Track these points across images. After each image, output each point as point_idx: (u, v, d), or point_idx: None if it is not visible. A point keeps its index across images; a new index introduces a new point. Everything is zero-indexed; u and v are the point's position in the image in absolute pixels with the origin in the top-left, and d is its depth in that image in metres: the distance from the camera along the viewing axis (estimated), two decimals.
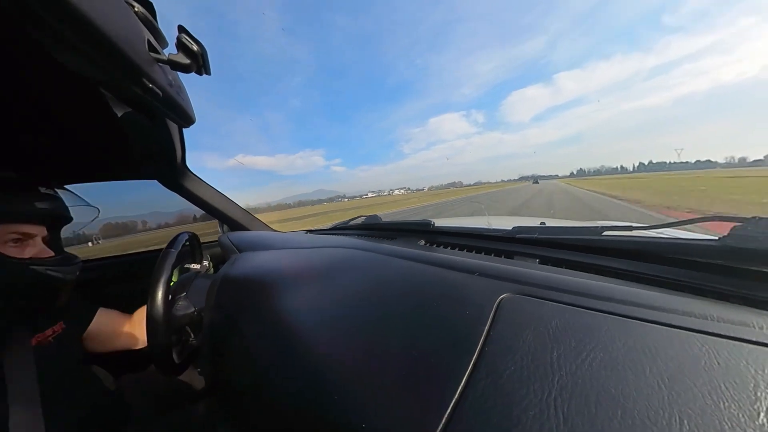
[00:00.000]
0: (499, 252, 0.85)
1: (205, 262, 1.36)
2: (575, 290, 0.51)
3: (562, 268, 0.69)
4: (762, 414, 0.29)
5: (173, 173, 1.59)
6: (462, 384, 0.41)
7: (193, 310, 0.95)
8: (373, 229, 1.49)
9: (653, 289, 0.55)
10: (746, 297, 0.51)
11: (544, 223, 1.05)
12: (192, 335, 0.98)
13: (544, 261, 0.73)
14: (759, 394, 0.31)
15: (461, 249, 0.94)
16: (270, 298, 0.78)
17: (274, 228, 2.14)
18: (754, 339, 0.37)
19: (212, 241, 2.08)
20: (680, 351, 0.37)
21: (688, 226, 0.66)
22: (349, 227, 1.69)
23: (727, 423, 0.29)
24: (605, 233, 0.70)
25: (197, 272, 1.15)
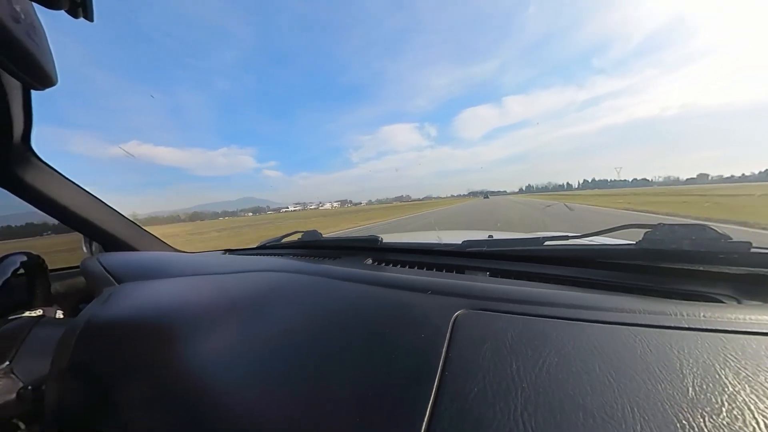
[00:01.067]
0: (451, 267, 0.85)
1: (55, 307, 0.94)
2: (525, 299, 0.54)
3: (511, 279, 0.72)
4: (690, 389, 0.34)
5: (2, 157, 1.02)
6: (426, 418, 0.38)
7: (21, 387, 0.61)
8: (311, 247, 1.32)
9: (590, 291, 0.62)
10: (661, 290, 0.62)
11: (492, 236, 1.06)
12: (23, 429, 0.65)
13: (494, 273, 0.76)
14: (684, 371, 0.37)
15: (412, 266, 0.90)
16: (166, 347, 0.58)
17: (176, 248, 1.62)
18: (673, 325, 0.45)
19: (70, 268, 1.42)
20: (620, 345, 0.41)
21: (613, 233, 0.74)
22: (281, 246, 1.46)
23: (666, 402, 0.33)
24: (546, 243, 0.76)
25: (36, 320, 0.76)
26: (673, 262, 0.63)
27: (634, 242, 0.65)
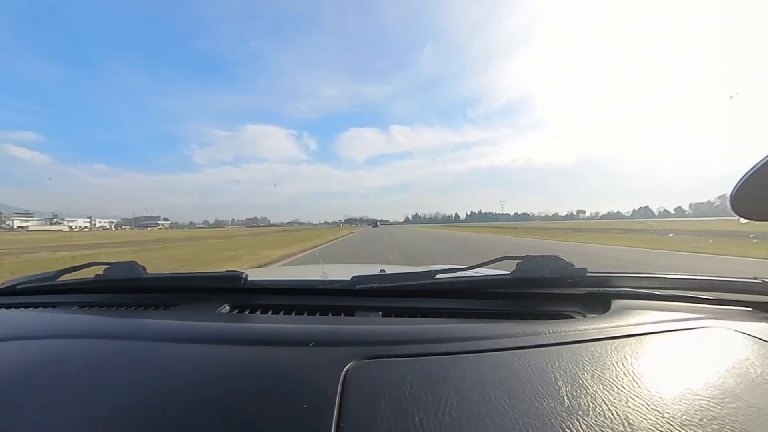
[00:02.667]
0: (338, 309, 0.74)
1: None
2: (420, 338, 0.53)
3: (404, 317, 0.70)
4: (565, 398, 0.38)
5: None
6: None
7: None
8: (123, 291, 0.88)
9: (478, 321, 0.66)
10: (533, 312, 0.70)
11: (383, 270, 0.97)
12: None
13: (387, 313, 0.72)
14: (559, 383, 0.41)
15: (288, 311, 0.73)
16: None
17: None
18: (545, 342, 0.50)
19: None
20: (509, 370, 0.44)
21: (494, 264, 0.82)
22: (62, 289, 0.91)
23: (551, 416, 0.36)
24: (437, 276, 0.77)
25: None
26: (539, 287, 0.73)
27: (509, 272, 0.72)
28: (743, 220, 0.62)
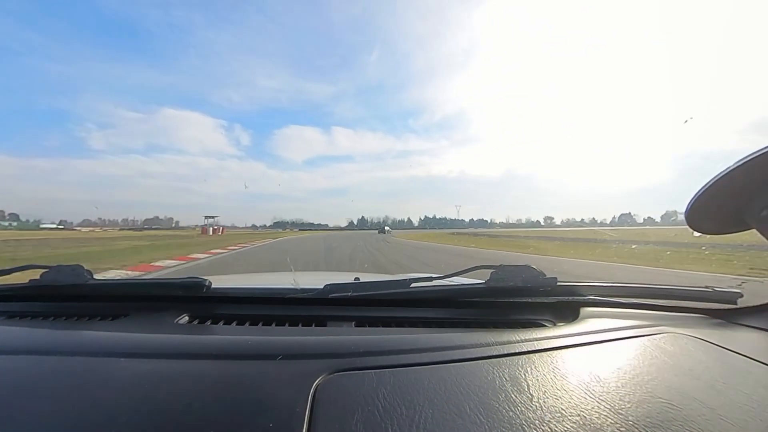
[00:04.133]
0: (309, 319, 0.70)
1: None
2: (393, 349, 0.52)
3: (378, 327, 0.69)
4: (538, 406, 0.39)
5: None
6: None
7: None
8: (65, 299, 0.79)
9: (452, 330, 0.67)
10: (506, 321, 0.71)
11: (358, 279, 0.94)
12: None
13: (360, 323, 0.70)
14: (532, 391, 0.42)
15: (255, 322, 0.68)
16: None
17: None
18: (518, 351, 0.51)
19: None
20: (483, 380, 0.44)
21: (469, 273, 0.82)
22: None
23: (525, 425, 0.37)
24: (413, 285, 0.76)
25: None
26: (512, 296, 0.74)
27: (484, 281, 0.73)
28: (696, 234, 0.67)
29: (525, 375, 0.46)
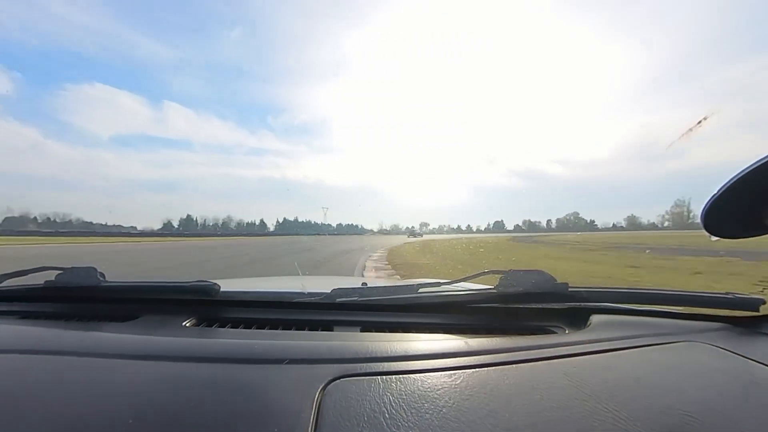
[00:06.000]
0: (316, 324, 0.70)
1: None
2: (401, 355, 0.51)
3: (385, 332, 0.68)
4: (548, 414, 0.38)
5: None
6: None
7: None
8: (76, 300, 0.80)
9: (460, 336, 0.65)
10: (515, 327, 0.70)
11: (365, 283, 0.93)
12: None
13: (367, 327, 0.70)
14: (542, 400, 0.41)
15: (262, 326, 0.69)
16: None
17: None
18: (526, 358, 0.50)
19: None
20: (490, 386, 0.44)
21: (477, 278, 0.81)
22: (2, 295, 0.84)
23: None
24: (420, 290, 0.75)
25: None
26: (522, 302, 0.73)
27: (493, 287, 0.72)
28: (714, 238, 0.64)
29: (534, 383, 0.45)
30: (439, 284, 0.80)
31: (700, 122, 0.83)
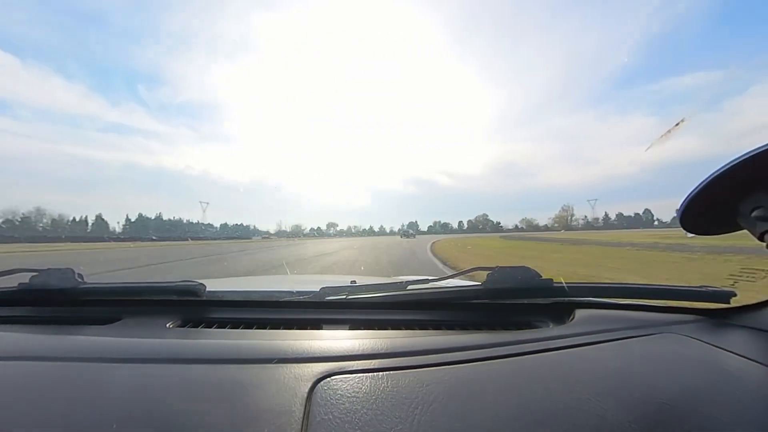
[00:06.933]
0: (304, 323, 0.70)
1: None
2: (389, 352, 0.52)
3: (374, 330, 0.69)
4: (535, 407, 0.39)
5: None
6: None
7: None
8: (52, 303, 0.77)
9: (448, 333, 0.67)
10: (502, 323, 0.71)
11: (354, 282, 0.94)
12: None
13: (356, 326, 0.70)
14: (529, 393, 0.42)
15: (250, 326, 0.68)
16: None
17: None
18: (513, 352, 0.52)
19: None
20: (479, 381, 0.44)
21: (465, 275, 0.82)
22: None
23: (523, 426, 0.37)
24: (409, 287, 0.77)
25: None
26: (508, 298, 0.74)
27: (480, 283, 0.73)
28: (690, 234, 0.67)
29: (521, 376, 0.46)
30: (427, 281, 0.80)
31: (677, 124, 0.86)
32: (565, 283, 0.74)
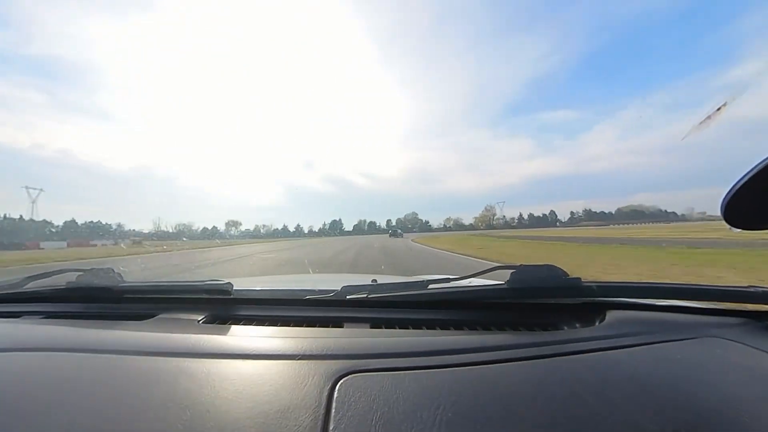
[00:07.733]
0: (326, 320, 0.71)
1: None
2: (411, 351, 0.51)
3: (395, 328, 0.69)
4: (561, 410, 0.38)
5: None
6: None
7: None
8: (96, 300, 0.83)
9: (471, 333, 0.65)
10: (526, 323, 0.68)
11: (375, 280, 0.95)
12: None
13: (377, 324, 0.70)
14: (555, 396, 0.41)
15: (274, 323, 0.71)
16: None
17: None
18: (540, 354, 0.50)
19: None
20: (502, 382, 0.43)
21: (487, 274, 0.80)
22: (27, 296, 0.86)
23: (544, 429, 0.36)
24: (430, 286, 0.76)
25: None
26: (533, 297, 0.72)
27: (503, 282, 0.71)
28: (736, 230, 0.62)
29: (549, 379, 0.44)
30: (449, 280, 0.79)
31: (719, 108, 0.80)
32: (595, 282, 0.70)
